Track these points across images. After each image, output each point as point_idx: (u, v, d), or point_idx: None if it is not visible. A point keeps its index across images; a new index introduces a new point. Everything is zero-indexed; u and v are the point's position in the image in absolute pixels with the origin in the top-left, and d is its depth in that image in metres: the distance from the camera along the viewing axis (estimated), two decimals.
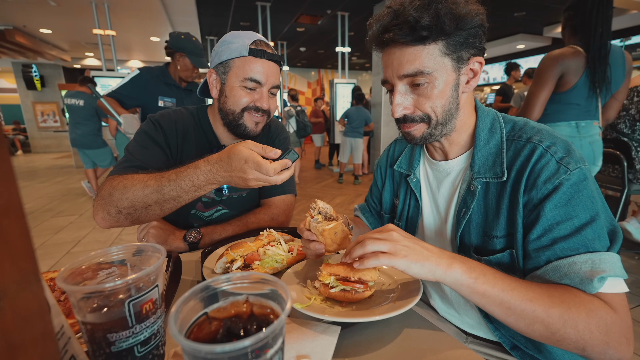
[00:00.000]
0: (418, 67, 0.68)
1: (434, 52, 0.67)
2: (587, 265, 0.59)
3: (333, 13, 7.38)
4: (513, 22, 8.29)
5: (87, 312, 0.39)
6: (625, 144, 2.18)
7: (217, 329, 0.36)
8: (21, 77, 9.99)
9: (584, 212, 0.62)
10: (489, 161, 0.74)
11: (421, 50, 0.67)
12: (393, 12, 0.68)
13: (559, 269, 0.61)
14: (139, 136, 1.03)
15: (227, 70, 1.01)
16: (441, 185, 0.84)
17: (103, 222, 0.86)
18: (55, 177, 6.80)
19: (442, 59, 0.68)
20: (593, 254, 0.60)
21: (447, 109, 0.72)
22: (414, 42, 0.67)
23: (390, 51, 0.71)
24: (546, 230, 0.64)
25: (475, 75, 0.73)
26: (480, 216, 0.75)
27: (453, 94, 0.72)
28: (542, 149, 0.67)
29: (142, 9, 6.13)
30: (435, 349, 0.57)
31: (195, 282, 0.81)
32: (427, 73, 0.68)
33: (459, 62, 0.70)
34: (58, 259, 3.00)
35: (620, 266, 0.60)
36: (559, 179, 0.63)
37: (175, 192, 0.81)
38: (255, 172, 0.72)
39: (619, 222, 2.24)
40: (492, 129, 0.76)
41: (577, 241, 0.61)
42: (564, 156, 0.65)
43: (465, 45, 0.68)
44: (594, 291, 0.58)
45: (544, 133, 0.70)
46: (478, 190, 0.74)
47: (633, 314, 2.04)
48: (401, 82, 0.72)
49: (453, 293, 0.85)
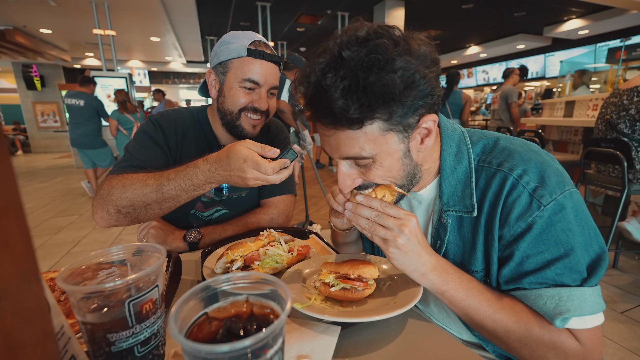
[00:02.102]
0: (357, 152, 0.59)
1: (373, 131, 0.58)
2: (553, 301, 0.58)
3: (333, 13, 7.39)
4: (513, 22, 8.30)
5: (87, 312, 0.39)
6: (625, 144, 2.18)
7: (217, 329, 0.36)
8: (21, 77, 10.00)
9: (555, 247, 0.59)
10: (457, 191, 0.68)
11: (358, 134, 0.58)
12: (314, 86, 0.56)
13: (526, 299, 0.62)
14: (138, 136, 1.03)
15: (226, 70, 1.01)
16: (415, 213, 0.77)
17: (102, 221, 0.86)
18: (55, 177, 6.80)
19: (383, 137, 0.59)
20: (562, 289, 0.58)
21: (402, 176, 0.65)
22: (347, 127, 0.57)
23: (323, 129, 0.61)
24: (517, 264, 0.62)
25: (429, 133, 0.63)
26: (456, 249, 0.71)
27: (404, 162, 0.64)
28: (513, 179, 0.61)
29: (142, 9, 6.14)
30: (435, 349, 0.57)
31: (195, 282, 0.81)
32: (368, 157, 0.60)
33: (407, 131, 0.60)
34: (58, 259, 3.00)
35: (591, 302, 0.58)
36: (532, 217, 0.59)
37: (175, 191, 0.81)
38: (254, 172, 0.72)
39: (619, 222, 2.24)
40: (459, 153, 0.69)
41: (545, 275, 0.60)
42: (537, 186, 0.59)
43: (413, 111, 0.58)
44: (558, 327, 0.59)
45: (515, 157, 0.63)
46: (449, 224, 0.69)
47: (633, 313, 2.04)
48: (343, 160, 0.64)
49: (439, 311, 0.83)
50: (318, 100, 0.56)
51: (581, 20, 7.90)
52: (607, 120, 2.37)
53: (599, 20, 7.58)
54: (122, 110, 4.90)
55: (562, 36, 8.91)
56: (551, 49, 9.95)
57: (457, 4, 6.79)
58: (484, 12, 7.36)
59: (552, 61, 9.90)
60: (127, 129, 4.95)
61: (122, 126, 4.94)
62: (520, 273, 0.62)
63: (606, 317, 2.01)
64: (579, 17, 7.92)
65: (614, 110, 2.32)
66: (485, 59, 12.18)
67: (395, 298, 0.67)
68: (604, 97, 3.48)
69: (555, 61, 9.65)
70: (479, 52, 11.02)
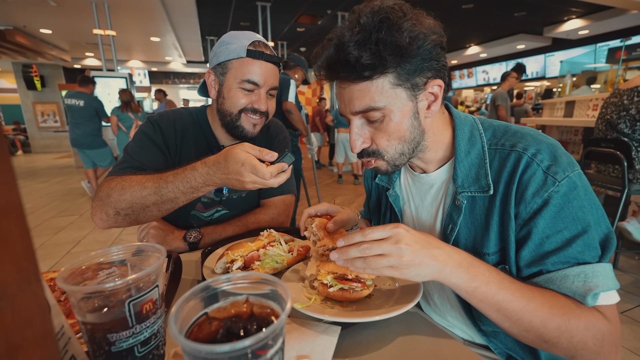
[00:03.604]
0: (368, 103, 0.64)
1: (384, 85, 0.63)
2: (580, 279, 0.58)
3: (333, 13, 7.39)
4: (513, 22, 8.29)
5: (87, 312, 0.39)
6: (625, 144, 2.18)
7: (217, 329, 0.36)
8: (21, 77, 9.99)
9: (574, 224, 0.60)
10: (472, 173, 0.70)
11: (369, 85, 0.63)
12: (334, 46, 0.63)
13: (552, 282, 0.61)
14: (137, 137, 1.03)
15: (225, 71, 1.00)
16: (424, 198, 0.80)
17: (101, 223, 0.86)
18: (56, 177, 6.80)
19: (393, 90, 0.63)
20: (585, 266, 0.59)
21: (408, 139, 0.68)
22: (359, 80, 0.63)
23: (339, 86, 0.67)
24: (537, 245, 0.62)
25: (436, 99, 0.67)
26: (468, 232, 0.71)
27: (413, 123, 0.68)
28: (527, 158, 0.63)
29: (142, 9, 6.13)
30: (435, 349, 0.57)
31: (196, 282, 0.81)
32: (379, 108, 0.64)
33: (415, 90, 0.65)
34: (58, 259, 3.00)
35: (612, 277, 0.59)
36: (548, 192, 0.60)
37: (173, 193, 0.81)
38: (252, 175, 0.72)
39: (619, 222, 2.24)
40: (472, 138, 0.72)
41: (568, 254, 0.60)
42: (550, 164, 0.62)
43: (419, 70, 0.63)
44: (590, 305, 0.58)
45: (527, 138, 0.66)
46: (464, 206, 0.70)
47: (633, 313, 2.04)
48: (356, 117, 0.68)
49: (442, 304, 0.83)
50: (336, 55, 0.62)
51: (581, 20, 7.89)
52: (607, 120, 2.37)
53: (599, 20, 7.58)
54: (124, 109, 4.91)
55: (562, 36, 8.91)
56: (551, 49, 9.94)
57: (457, 4, 6.79)
58: (484, 12, 7.36)
59: (552, 61, 9.90)
60: (126, 126, 4.96)
61: (122, 123, 4.94)
62: (541, 254, 0.62)
63: None
64: (579, 17, 7.91)
65: (614, 110, 2.32)
66: (485, 59, 12.17)
67: (395, 298, 0.67)
68: (604, 97, 3.48)
69: (555, 61, 9.64)
70: (479, 52, 11.01)
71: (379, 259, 0.55)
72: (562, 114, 4.19)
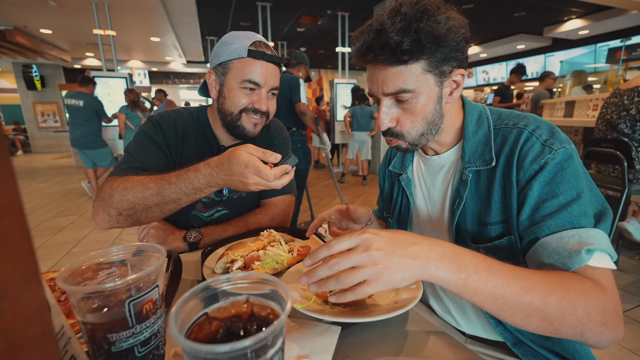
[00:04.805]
0: (401, 85, 0.70)
1: (416, 70, 0.69)
2: (575, 239, 0.59)
3: (333, 13, 7.39)
4: (513, 22, 8.30)
5: (87, 312, 0.39)
6: (625, 144, 2.18)
7: (217, 329, 0.36)
8: (21, 77, 9.99)
9: (569, 189, 0.63)
10: (478, 150, 0.76)
11: (403, 69, 0.69)
12: (375, 31, 0.68)
13: (547, 246, 0.61)
14: (138, 137, 1.03)
15: (226, 71, 1.00)
16: (435, 179, 0.86)
17: (103, 224, 0.86)
18: (56, 177, 6.80)
19: (424, 75, 0.70)
20: (580, 230, 0.60)
21: (429, 120, 0.75)
22: (396, 63, 0.68)
23: (375, 68, 0.73)
24: (533, 209, 0.65)
25: (458, 86, 0.75)
26: (473, 205, 0.76)
27: (436, 107, 0.74)
28: (527, 133, 0.70)
29: (142, 9, 6.14)
30: (435, 349, 0.57)
31: (196, 282, 0.81)
32: (410, 90, 0.70)
33: (442, 77, 0.72)
34: (58, 259, 3.00)
35: (607, 243, 0.60)
36: (544, 159, 0.65)
37: (176, 194, 0.81)
38: (256, 177, 0.72)
39: (619, 222, 2.24)
40: (480, 121, 0.79)
41: (564, 217, 0.62)
42: (548, 138, 0.67)
43: (447, 60, 0.70)
44: (582, 263, 0.57)
45: (529, 118, 0.73)
46: (470, 179, 0.76)
47: (633, 313, 2.04)
48: (386, 97, 0.73)
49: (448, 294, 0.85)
50: (377, 39, 0.67)
51: (581, 20, 7.89)
52: (608, 121, 2.37)
53: (599, 21, 7.58)
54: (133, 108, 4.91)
55: (562, 36, 8.91)
56: (551, 49, 9.95)
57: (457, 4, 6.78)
58: (484, 12, 7.36)
59: (552, 61, 9.89)
60: (135, 124, 4.97)
61: (130, 122, 4.95)
62: (537, 219, 0.64)
63: None
64: (579, 17, 7.92)
65: (614, 111, 2.31)
66: (485, 59, 12.17)
67: (395, 298, 0.67)
68: (604, 97, 3.48)
69: (556, 61, 9.65)
70: (479, 52, 11.02)
71: (352, 273, 0.49)
72: (562, 114, 4.19)
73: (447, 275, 0.51)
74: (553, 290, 0.53)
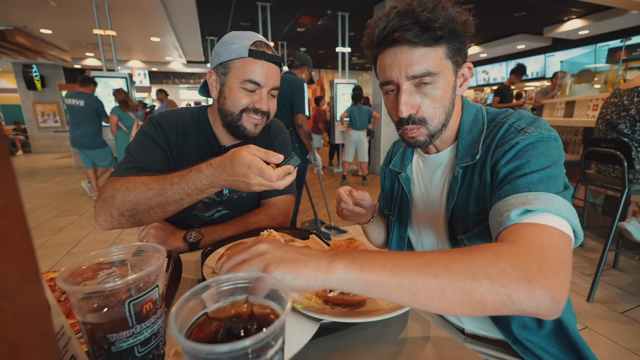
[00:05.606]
0: (427, 67, 0.70)
1: (441, 54, 0.70)
2: (520, 200, 0.56)
3: (333, 13, 7.39)
4: (513, 22, 8.29)
5: (87, 313, 0.39)
6: (625, 144, 2.18)
7: (217, 329, 0.36)
8: (21, 77, 9.99)
9: (535, 163, 0.62)
10: (469, 147, 0.78)
11: (430, 51, 0.70)
12: (401, 12, 0.68)
13: (494, 210, 0.60)
14: (139, 137, 1.03)
15: (227, 71, 1.00)
16: (433, 177, 0.88)
17: (105, 224, 0.86)
18: (56, 177, 6.80)
19: (446, 61, 0.72)
20: (531, 193, 0.57)
21: (447, 109, 0.76)
22: (424, 44, 0.69)
23: (398, 51, 0.71)
24: (499, 182, 0.66)
25: (465, 80, 0.78)
26: (463, 200, 0.79)
27: (452, 95, 0.76)
28: (507, 125, 0.72)
29: (142, 9, 6.13)
30: (435, 349, 0.57)
31: (196, 281, 0.81)
32: (434, 74, 0.70)
33: (456, 66, 0.74)
34: (58, 259, 3.00)
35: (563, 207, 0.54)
36: (516, 140, 0.67)
37: (178, 195, 0.81)
38: (259, 178, 0.72)
39: (619, 222, 2.24)
40: (475, 120, 0.81)
41: (520, 183, 0.60)
42: (525, 126, 0.69)
43: (460, 51, 0.73)
44: (510, 223, 0.53)
45: (516, 114, 0.75)
46: (460, 175, 0.78)
47: (633, 313, 2.03)
48: (408, 81, 0.72)
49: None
50: (406, 19, 0.67)
51: (581, 20, 7.89)
52: (608, 121, 2.37)
53: (599, 21, 7.57)
54: (124, 108, 4.90)
55: (562, 36, 8.90)
56: (551, 49, 9.94)
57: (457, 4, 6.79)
58: (484, 12, 7.36)
59: (552, 61, 9.89)
60: (127, 126, 4.95)
61: (122, 123, 4.94)
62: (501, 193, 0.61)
63: (606, 317, 2.01)
64: (579, 17, 7.91)
65: (614, 111, 2.31)
66: (485, 59, 12.17)
67: None
68: (604, 97, 3.48)
69: (556, 61, 9.64)
70: (479, 52, 11.01)
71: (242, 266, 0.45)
72: (562, 114, 4.19)
73: (342, 269, 0.45)
74: (455, 258, 0.46)
